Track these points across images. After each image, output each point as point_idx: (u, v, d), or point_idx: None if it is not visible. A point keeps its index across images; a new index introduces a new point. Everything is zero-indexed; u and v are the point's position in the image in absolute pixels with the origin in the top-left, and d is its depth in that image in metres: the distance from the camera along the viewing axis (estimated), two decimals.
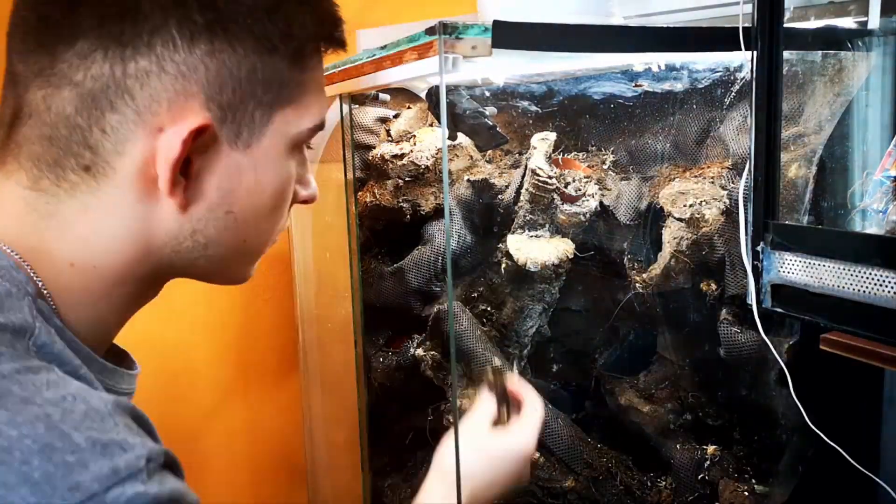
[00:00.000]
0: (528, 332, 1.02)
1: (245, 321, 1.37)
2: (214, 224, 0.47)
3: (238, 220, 0.47)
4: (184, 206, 0.45)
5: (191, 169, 0.44)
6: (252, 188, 0.47)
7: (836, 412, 0.71)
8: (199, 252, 0.47)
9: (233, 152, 0.45)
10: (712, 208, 0.82)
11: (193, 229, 0.46)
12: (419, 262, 1.04)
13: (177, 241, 0.46)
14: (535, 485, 0.96)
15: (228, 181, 0.46)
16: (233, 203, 0.47)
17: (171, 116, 0.42)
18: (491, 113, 0.99)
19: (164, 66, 0.42)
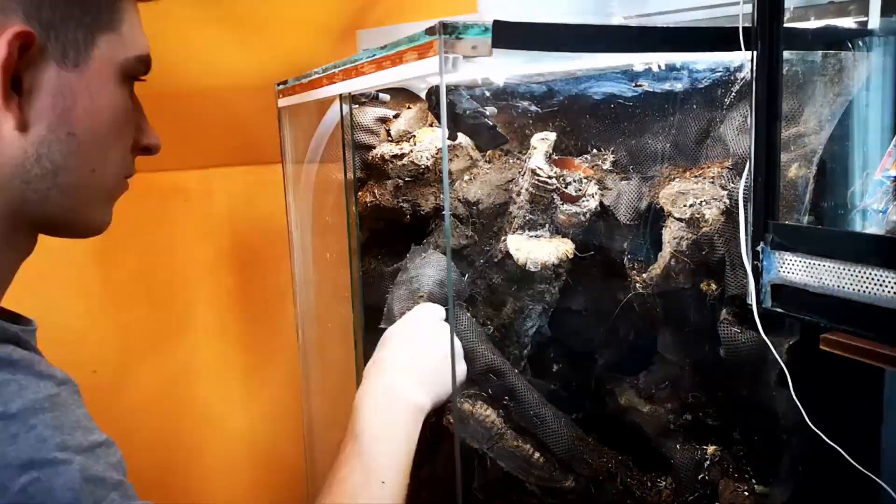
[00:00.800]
0: (528, 332, 1.02)
1: (245, 322, 1.37)
2: (58, 147, 0.48)
3: (81, 143, 0.49)
4: (21, 124, 0.46)
5: (22, 86, 0.45)
6: (89, 109, 0.48)
7: (836, 412, 0.71)
8: (49, 181, 0.48)
9: (63, 72, 0.47)
10: (712, 208, 0.82)
11: (38, 153, 0.47)
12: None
13: (24, 168, 0.47)
14: (536, 485, 0.96)
15: (63, 100, 0.47)
16: (72, 124, 0.48)
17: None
18: (491, 113, 0.99)
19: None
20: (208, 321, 1.33)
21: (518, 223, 0.97)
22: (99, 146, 0.50)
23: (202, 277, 1.32)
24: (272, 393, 1.43)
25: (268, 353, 1.40)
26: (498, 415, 0.95)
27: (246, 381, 1.40)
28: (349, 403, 1.18)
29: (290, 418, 1.42)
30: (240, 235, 1.35)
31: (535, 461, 0.93)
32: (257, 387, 1.41)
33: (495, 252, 1.00)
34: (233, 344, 1.37)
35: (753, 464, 0.87)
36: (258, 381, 1.41)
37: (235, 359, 1.38)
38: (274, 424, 1.44)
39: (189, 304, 1.30)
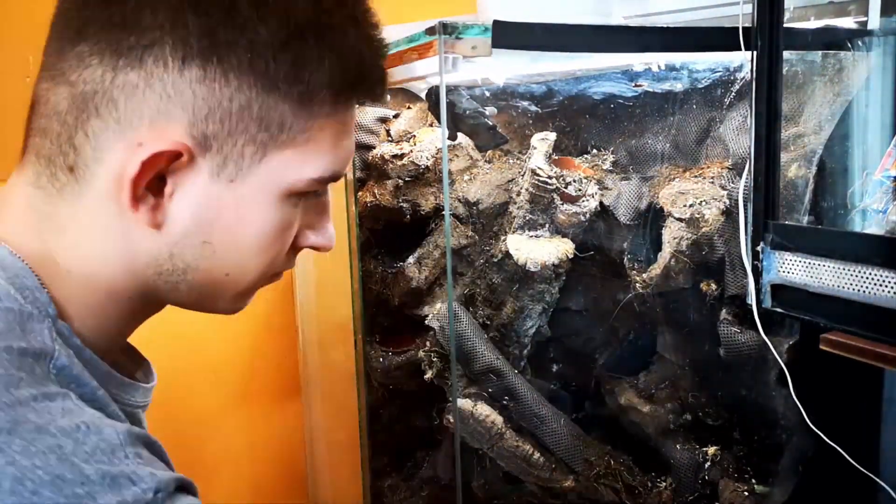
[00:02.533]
0: (528, 333, 1.02)
1: (245, 321, 1.37)
2: (191, 251, 0.46)
3: (217, 252, 0.46)
4: (154, 225, 0.44)
5: (164, 189, 0.43)
6: (232, 224, 0.46)
7: (836, 412, 0.71)
8: (178, 276, 0.47)
9: (214, 183, 0.44)
10: (712, 208, 0.82)
11: (171, 252, 0.45)
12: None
13: (157, 262, 0.46)
14: (535, 485, 0.96)
15: (206, 211, 0.44)
16: (210, 234, 0.45)
17: (151, 134, 0.41)
18: (491, 113, 0.99)
19: (152, 84, 0.41)
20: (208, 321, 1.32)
21: (518, 223, 0.97)
22: (237, 255, 0.47)
23: None
24: (272, 393, 1.43)
25: (268, 353, 1.40)
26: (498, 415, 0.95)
27: (246, 381, 1.40)
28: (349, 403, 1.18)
29: (290, 418, 1.42)
30: None
31: (535, 461, 0.93)
32: (257, 387, 1.41)
33: (495, 252, 1.00)
34: (233, 344, 1.37)
35: (753, 464, 0.87)
36: (258, 381, 1.41)
37: (235, 359, 1.38)
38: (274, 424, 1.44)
39: None
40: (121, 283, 0.46)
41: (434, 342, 1.00)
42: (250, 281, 0.50)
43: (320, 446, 1.35)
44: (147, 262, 0.46)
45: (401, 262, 1.06)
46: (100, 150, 0.42)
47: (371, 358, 1.12)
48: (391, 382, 1.12)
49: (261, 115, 0.43)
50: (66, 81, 0.42)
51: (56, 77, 0.43)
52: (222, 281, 0.49)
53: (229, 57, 0.41)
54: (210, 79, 0.41)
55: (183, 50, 0.41)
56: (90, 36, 0.41)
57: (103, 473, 0.36)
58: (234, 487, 1.42)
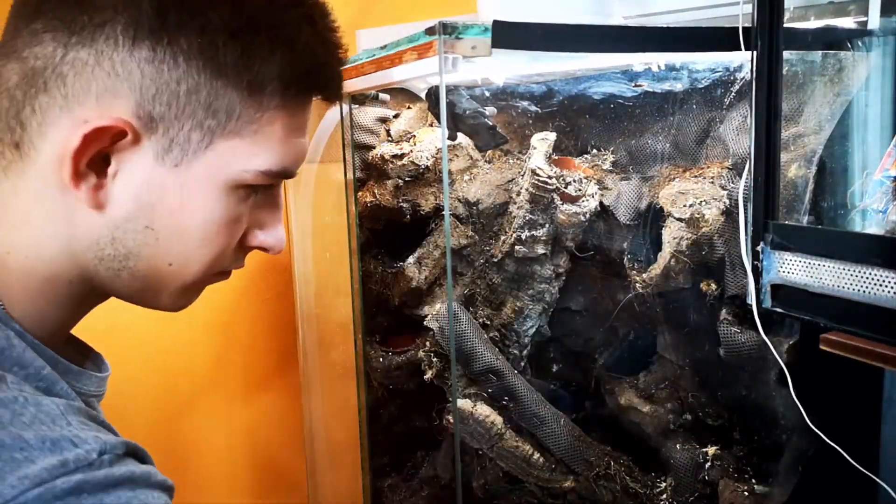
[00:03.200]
0: (528, 333, 1.02)
1: (245, 321, 1.37)
2: (133, 236, 0.45)
3: (160, 239, 0.46)
4: (95, 205, 0.43)
5: (107, 168, 0.43)
6: (175, 210, 0.45)
7: (836, 412, 0.71)
8: (120, 263, 0.46)
9: (158, 167, 0.44)
10: (712, 208, 0.82)
11: (112, 236, 0.45)
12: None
13: (98, 245, 0.45)
14: (535, 485, 0.96)
15: (148, 194, 0.44)
16: (153, 219, 0.45)
17: (98, 112, 0.41)
18: (491, 113, 0.99)
19: (101, 62, 0.41)
20: (208, 321, 1.33)
21: (518, 223, 0.97)
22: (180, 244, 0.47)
23: None
24: (272, 393, 1.43)
25: (268, 353, 1.40)
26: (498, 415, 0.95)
27: (246, 381, 1.40)
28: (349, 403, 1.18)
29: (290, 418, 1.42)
30: None
31: (534, 461, 0.93)
32: (257, 387, 1.41)
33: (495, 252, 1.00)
34: (233, 343, 1.37)
35: (753, 464, 0.87)
36: (258, 381, 1.41)
37: (235, 359, 1.38)
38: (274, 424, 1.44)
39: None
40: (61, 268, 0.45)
41: (434, 342, 1.00)
42: (194, 274, 0.49)
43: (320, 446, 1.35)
44: (88, 245, 0.45)
45: (401, 262, 1.06)
46: (45, 125, 0.42)
47: (371, 358, 1.12)
48: (391, 382, 1.12)
49: (209, 100, 0.43)
50: (18, 57, 0.42)
51: (9, 54, 0.42)
52: (165, 271, 0.47)
53: (178, 39, 0.42)
54: (159, 60, 0.42)
55: (134, 29, 0.41)
56: (45, 13, 0.42)
57: (43, 437, 0.36)
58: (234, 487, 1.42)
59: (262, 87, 0.45)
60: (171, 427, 1.32)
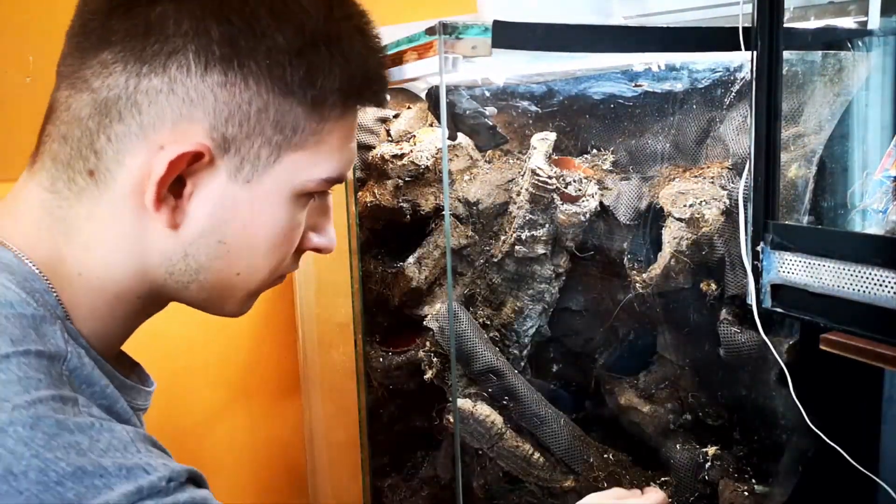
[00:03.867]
0: (528, 333, 1.02)
1: (245, 321, 1.37)
2: (206, 251, 0.47)
3: (230, 252, 0.48)
4: (173, 225, 0.45)
5: (183, 190, 0.45)
6: (247, 223, 0.47)
7: (836, 412, 0.71)
8: (191, 276, 0.48)
9: (231, 184, 0.46)
10: (712, 208, 0.82)
11: (185, 252, 0.47)
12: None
13: (170, 262, 0.47)
14: (535, 485, 0.96)
15: (223, 211, 0.46)
16: (225, 234, 0.47)
17: (173, 137, 0.43)
18: (491, 113, 0.99)
19: (175, 89, 0.43)
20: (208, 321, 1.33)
21: (518, 223, 0.97)
22: (249, 255, 0.49)
23: None
24: (272, 393, 1.43)
25: (268, 353, 1.40)
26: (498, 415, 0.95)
27: (246, 381, 1.40)
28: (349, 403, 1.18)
29: (290, 418, 1.42)
30: None
31: (535, 461, 0.93)
32: (257, 387, 1.41)
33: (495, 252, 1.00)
34: (233, 343, 1.37)
35: (753, 464, 0.87)
36: (258, 381, 1.41)
37: (235, 359, 1.38)
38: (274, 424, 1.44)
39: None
40: (130, 284, 0.47)
41: (434, 342, 1.00)
42: (260, 281, 0.52)
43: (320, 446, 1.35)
44: (159, 262, 0.47)
45: (401, 262, 1.06)
46: (122, 153, 0.44)
47: (371, 358, 1.12)
48: (391, 382, 1.12)
49: (277, 118, 0.45)
50: (89, 88, 0.43)
51: (77, 84, 0.44)
52: (233, 281, 0.50)
53: (249, 63, 0.44)
54: (231, 83, 0.43)
55: (206, 56, 0.43)
56: (114, 44, 0.43)
57: (119, 465, 0.38)
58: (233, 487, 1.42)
59: (324, 101, 0.47)
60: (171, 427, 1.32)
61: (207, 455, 1.37)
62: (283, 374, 1.42)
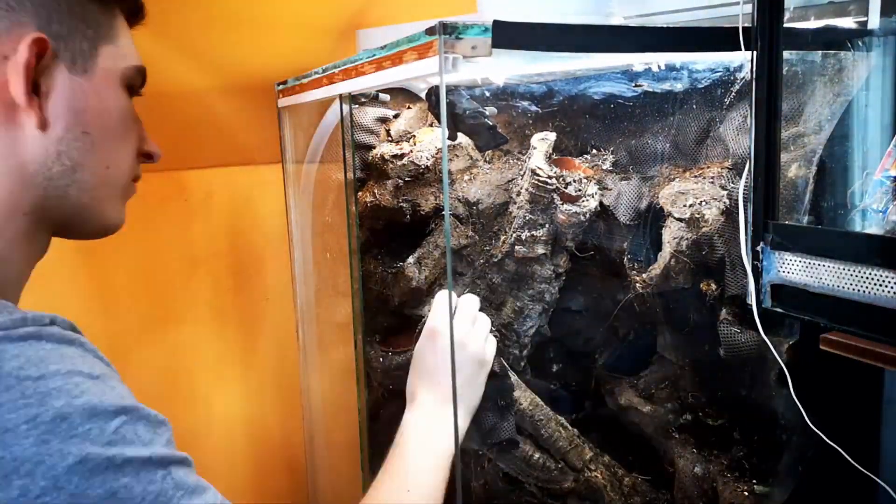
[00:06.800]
0: (528, 333, 1.02)
1: (245, 321, 1.37)
2: (75, 146, 0.54)
3: (95, 141, 0.55)
4: (42, 124, 0.52)
5: (40, 90, 0.52)
6: (99, 110, 0.55)
7: (836, 412, 0.71)
8: (68, 178, 0.54)
9: (74, 77, 0.54)
10: (712, 208, 0.82)
11: (58, 151, 0.53)
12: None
13: (46, 166, 0.53)
14: (535, 485, 0.96)
15: (76, 102, 0.54)
16: (86, 123, 0.54)
17: (12, 44, 0.50)
18: (491, 113, 0.99)
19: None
20: (208, 321, 1.33)
21: (518, 223, 0.97)
22: (110, 144, 0.57)
23: (202, 277, 1.32)
24: (272, 392, 1.43)
25: (268, 352, 1.40)
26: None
27: (246, 380, 1.40)
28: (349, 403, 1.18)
29: (290, 418, 1.42)
30: (240, 235, 1.35)
31: (535, 461, 0.93)
32: (257, 386, 1.41)
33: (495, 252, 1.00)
34: (233, 344, 1.37)
35: (753, 464, 0.87)
36: (258, 380, 1.41)
37: (235, 358, 1.38)
38: (274, 424, 1.44)
39: (189, 303, 1.30)
40: (15, 200, 0.52)
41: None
42: (125, 173, 0.60)
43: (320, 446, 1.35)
44: (37, 169, 0.53)
45: (401, 262, 1.06)
46: None
47: (371, 358, 1.12)
48: (391, 382, 1.12)
49: (82, 15, 0.55)
50: None
51: None
52: (105, 176, 0.57)
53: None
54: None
55: None
56: None
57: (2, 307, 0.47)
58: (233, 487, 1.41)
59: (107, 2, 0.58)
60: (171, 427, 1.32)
61: (207, 454, 1.37)
62: (283, 374, 1.42)
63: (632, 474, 0.96)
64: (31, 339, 0.44)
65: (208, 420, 1.36)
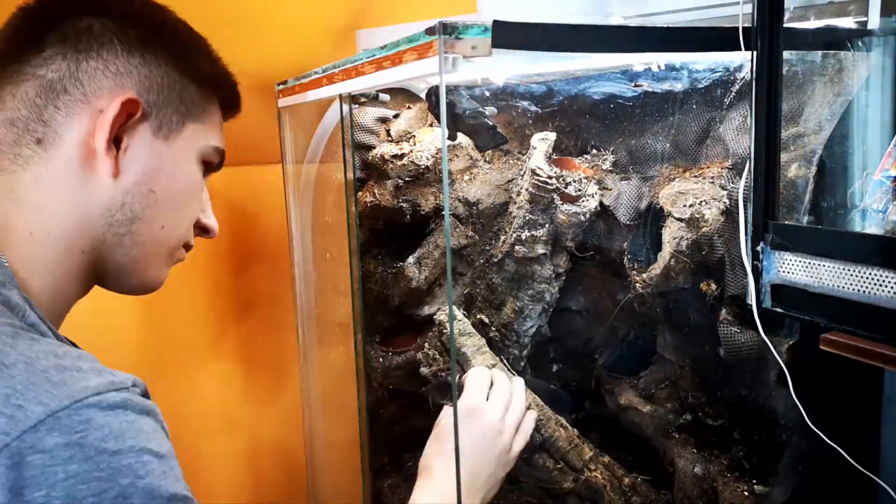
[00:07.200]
0: (528, 333, 1.02)
1: (245, 321, 1.37)
2: (140, 199, 0.58)
3: (158, 201, 0.60)
4: (115, 173, 0.56)
5: (120, 144, 0.57)
6: (169, 174, 0.60)
7: (836, 412, 0.71)
8: (125, 227, 0.58)
9: (155, 140, 0.59)
10: (712, 208, 0.82)
11: (123, 201, 0.57)
12: None
13: (109, 211, 0.57)
14: (535, 485, 0.96)
15: (151, 162, 0.59)
16: (155, 182, 0.59)
17: (111, 101, 0.56)
18: (491, 113, 0.99)
19: (108, 66, 0.57)
20: (208, 321, 1.33)
21: (518, 223, 0.97)
22: (171, 207, 0.61)
23: (202, 277, 1.32)
24: (272, 393, 1.43)
25: (268, 353, 1.40)
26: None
27: (246, 380, 1.40)
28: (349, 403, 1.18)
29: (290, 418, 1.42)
30: (240, 235, 1.35)
31: (534, 461, 0.93)
32: (257, 386, 1.41)
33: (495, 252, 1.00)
34: (233, 344, 1.37)
35: (753, 464, 0.87)
36: (258, 380, 1.41)
37: (235, 359, 1.38)
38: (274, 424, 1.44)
39: (189, 303, 1.30)
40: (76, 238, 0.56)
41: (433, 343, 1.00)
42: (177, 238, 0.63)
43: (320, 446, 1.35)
44: (101, 213, 0.57)
45: (401, 262, 1.06)
46: (69, 116, 0.55)
47: (371, 358, 1.12)
48: (391, 382, 1.12)
49: (180, 91, 0.61)
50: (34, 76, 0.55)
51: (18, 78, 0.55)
52: (159, 235, 0.61)
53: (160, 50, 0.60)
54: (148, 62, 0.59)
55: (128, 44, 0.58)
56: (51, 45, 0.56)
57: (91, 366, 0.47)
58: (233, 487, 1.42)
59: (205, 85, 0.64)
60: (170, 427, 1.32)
61: (207, 454, 1.37)
62: (283, 375, 1.42)
63: (632, 474, 0.96)
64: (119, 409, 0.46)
65: (208, 419, 1.36)
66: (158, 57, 0.59)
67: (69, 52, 0.56)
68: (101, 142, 0.55)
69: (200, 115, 0.63)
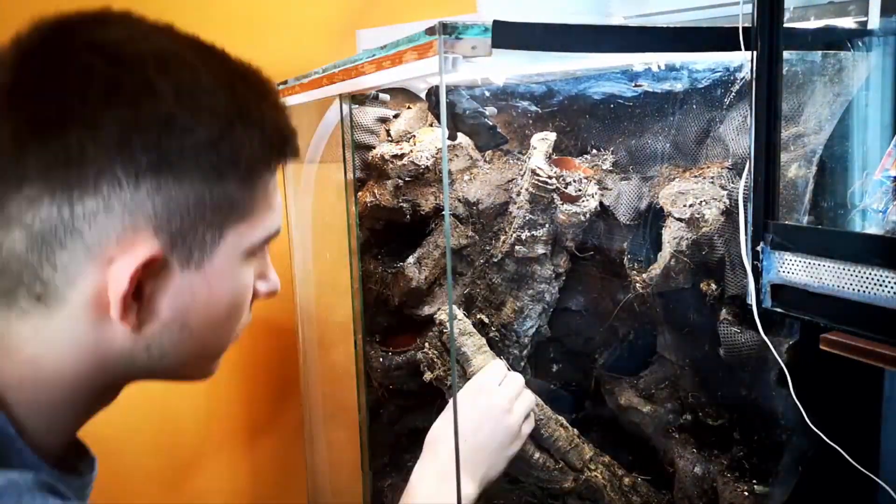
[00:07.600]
0: (528, 333, 1.02)
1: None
2: (169, 338, 0.48)
3: (194, 333, 0.49)
4: (136, 327, 0.46)
5: (143, 294, 0.45)
6: (207, 303, 0.48)
7: (836, 412, 0.71)
8: (154, 363, 0.48)
9: (185, 273, 0.46)
10: (712, 208, 0.82)
11: (147, 345, 0.47)
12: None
13: (130, 356, 0.47)
14: (535, 485, 0.96)
15: (181, 299, 0.47)
16: (187, 318, 0.48)
17: (121, 248, 0.43)
18: (491, 113, 0.99)
19: (111, 205, 0.43)
20: None
21: (518, 223, 0.97)
22: (213, 331, 0.51)
23: None
24: (272, 393, 1.43)
25: (268, 352, 1.40)
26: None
27: (246, 381, 1.40)
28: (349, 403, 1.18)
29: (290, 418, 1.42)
30: None
31: (535, 461, 0.93)
32: (257, 387, 1.41)
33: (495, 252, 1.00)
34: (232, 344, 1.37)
35: (753, 464, 0.87)
36: (258, 381, 1.41)
37: (235, 359, 1.38)
38: (274, 424, 1.44)
39: None
40: (85, 381, 0.47)
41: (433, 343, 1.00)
42: (224, 344, 0.53)
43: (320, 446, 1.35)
44: (119, 360, 0.47)
45: (401, 262, 1.06)
46: (72, 277, 0.44)
47: (371, 358, 1.12)
48: (391, 382, 1.12)
49: (214, 201, 0.46)
50: (20, 224, 0.42)
51: (4, 224, 0.43)
52: (199, 355, 0.51)
53: (177, 162, 0.44)
54: (165, 186, 0.44)
55: (134, 168, 0.43)
56: (34, 179, 0.42)
57: None
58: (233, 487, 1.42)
59: (252, 172, 0.48)
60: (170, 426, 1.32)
61: (207, 454, 1.37)
62: (284, 374, 1.42)
63: (632, 474, 0.96)
64: None
65: (208, 419, 1.36)
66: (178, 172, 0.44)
67: (59, 191, 0.42)
68: (115, 299, 0.44)
69: (244, 211, 0.48)
